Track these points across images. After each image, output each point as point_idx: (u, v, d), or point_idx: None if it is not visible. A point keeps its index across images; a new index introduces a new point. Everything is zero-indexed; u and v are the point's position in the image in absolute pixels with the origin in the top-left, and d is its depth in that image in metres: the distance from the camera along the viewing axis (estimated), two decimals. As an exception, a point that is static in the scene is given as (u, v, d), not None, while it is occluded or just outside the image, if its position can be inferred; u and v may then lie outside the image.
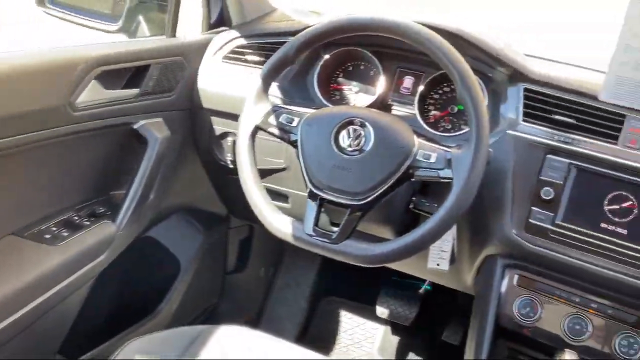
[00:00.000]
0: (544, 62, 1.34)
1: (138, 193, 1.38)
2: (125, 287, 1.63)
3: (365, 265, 1.11)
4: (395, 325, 2.06)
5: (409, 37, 1.08)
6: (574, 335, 1.17)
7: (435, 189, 1.25)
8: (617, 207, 1.12)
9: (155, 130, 1.40)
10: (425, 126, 1.33)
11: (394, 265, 1.62)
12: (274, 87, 1.40)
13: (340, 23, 1.13)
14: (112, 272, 1.44)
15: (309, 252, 1.19)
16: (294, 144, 1.16)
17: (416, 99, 1.35)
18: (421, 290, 2.03)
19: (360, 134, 1.11)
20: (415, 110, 1.35)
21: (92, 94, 1.25)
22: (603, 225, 1.13)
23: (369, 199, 1.08)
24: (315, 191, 1.12)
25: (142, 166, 1.38)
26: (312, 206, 1.12)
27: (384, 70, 1.40)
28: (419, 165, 1.07)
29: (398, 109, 1.41)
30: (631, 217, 1.11)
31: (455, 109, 1.35)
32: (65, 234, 1.30)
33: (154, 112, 1.42)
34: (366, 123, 1.10)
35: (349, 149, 1.11)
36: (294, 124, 1.16)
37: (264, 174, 1.45)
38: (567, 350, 1.13)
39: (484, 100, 1.05)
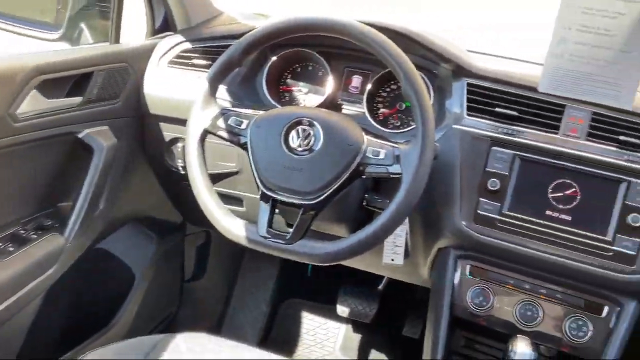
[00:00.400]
0: (486, 57, 1.37)
1: (86, 203, 1.35)
2: (79, 301, 1.59)
3: (321, 264, 1.12)
4: (356, 323, 2.08)
5: (353, 36, 1.10)
6: (526, 321, 1.20)
7: (387, 185, 1.26)
8: (561, 194, 1.16)
9: (101, 139, 1.37)
10: (374, 124, 1.35)
11: (350, 263, 1.63)
12: (222, 91, 1.39)
13: (284, 24, 1.13)
14: (64, 286, 1.40)
15: (268, 256, 1.19)
16: (243, 146, 1.16)
17: (365, 97, 1.36)
18: (380, 287, 2.05)
19: (309, 134, 1.11)
20: (364, 108, 1.36)
21: (33, 103, 1.21)
22: (548, 212, 1.16)
23: (321, 198, 1.09)
24: (267, 192, 1.12)
25: (88, 176, 1.35)
26: (264, 208, 1.12)
27: (332, 71, 1.41)
28: (369, 162, 1.09)
29: (348, 108, 1.42)
30: (574, 203, 1.15)
31: (403, 106, 1.37)
32: (12, 248, 1.25)
33: (99, 120, 1.39)
34: (315, 122, 1.11)
35: (299, 149, 1.11)
36: (243, 126, 1.16)
37: (216, 178, 1.44)
38: (520, 336, 1.16)
39: (428, 95, 1.07)
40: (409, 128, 1.32)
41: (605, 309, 1.17)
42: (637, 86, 1.05)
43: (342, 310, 2.01)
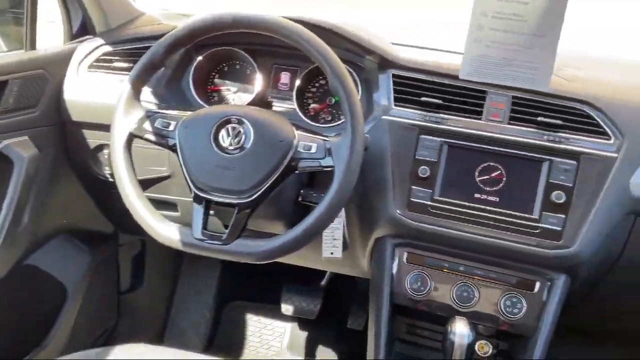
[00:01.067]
0: (411, 49, 1.40)
1: (9, 218, 1.28)
2: (8, 320, 1.51)
3: (260, 262, 1.11)
4: (301, 321, 2.08)
5: (277, 33, 1.09)
6: (463, 303, 1.23)
7: (321, 180, 1.27)
8: (487, 177, 1.20)
9: (21, 150, 1.31)
10: (306, 119, 1.35)
11: (291, 260, 1.63)
12: (148, 94, 1.35)
13: (206, 22, 1.11)
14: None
15: (207, 260, 1.17)
16: (172, 148, 1.13)
17: (294, 93, 1.36)
18: (323, 283, 2.06)
19: (239, 132, 1.10)
20: (294, 105, 1.36)
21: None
22: (476, 195, 1.20)
23: (255, 196, 1.08)
24: (200, 194, 1.10)
25: (10, 189, 1.28)
26: (198, 209, 1.10)
27: (260, 68, 1.40)
28: (301, 156, 1.09)
29: (278, 105, 1.42)
30: (500, 185, 1.19)
31: (333, 101, 1.38)
32: None
33: (17, 130, 1.32)
34: (244, 120, 1.10)
35: (230, 147, 1.10)
36: (171, 127, 1.14)
37: (147, 184, 1.40)
38: (458, 317, 1.18)
39: (355, 88, 1.08)
40: (340, 122, 1.33)
41: (537, 285, 1.22)
42: (552, 68, 1.10)
43: (287, 308, 2.01)
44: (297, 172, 1.11)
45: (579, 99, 1.19)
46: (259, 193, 1.07)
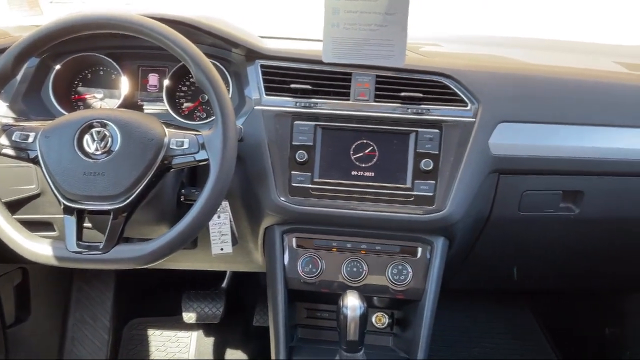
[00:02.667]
0: (278, 40, 1.42)
1: None
2: None
3: (144, 266, 1.08)
4: (206, 327, 2.04)
5: (135, 31, 1.07)
6: (353, 278, 1.27)
7: (203, 177, 1.25)
8: (362, 154, 1.25)
9: None
10: (180, 119, 1.33)
11: (182, 265, 1.60)
12: (5, 110, 1.27)
13: (54, 27, 1.06)
14: None
15: (99, 282, 1.12)
16: (34, 161, 1.07)
17: (164, 94, 1.34)
18: (224, 285, 2.04)
19: (105, 135, 1.06)
20: (166, 105, 1.34)
21: None
22: (353, 172, 1.24)
23: (130, 199, 1.05)
24: (69, 204, 1.05)
25: None
26: (70, 221, 1.05)
27: (126, 72, 1.36)
28: (174, 153, 1.07)
29: (149, 108, 1.38)
30: (374, 160, 1.24)
31: (206, 98, 1.37)
32: None
33: None
34: (108, 122, 1.07)
35: (97, 152, 1.06)
36: (30, 139, 1.08)
37: (16, 205, 1.32)
38: (349, 291, 1.22)
39: (221, 79, 1.08)
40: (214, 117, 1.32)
41: (419, 250, 1.29)
42: (405, 44, 1.16)
43: (189, 316, 1.97)
44: (172, 169, 1.09)
45: (436, 71, 1.27)
46: (133, 195, 1.05)
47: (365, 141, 1.25)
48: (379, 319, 1.43)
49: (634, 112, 1.30)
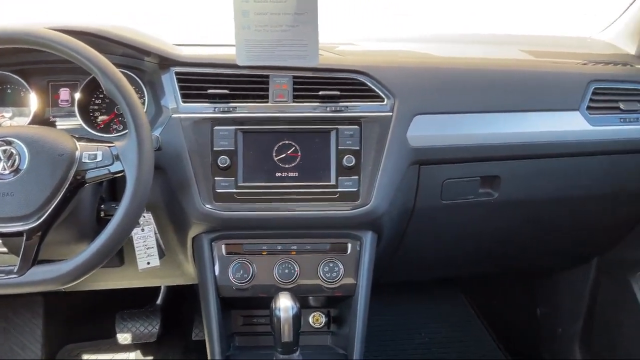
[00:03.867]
0: (194, 47, 1.40)
1: None
2: None
3: (63, 287, 1.04)
4: (143, 346, 1.98)
5: (35, 44, 1.03)
6: (286, 279, 1.27)
7: (123, 189, 1.22)
8: (285, 155, 1.25)
9: None
10: (95, 133, 1.29)
11: (112, 284, 1.56)
12: None
13: None
14: None
15: (25, 310, 1.06)
16: None
17: (76, 109, 1.29)
18: (159, 301, 1.99)
19: (12, 154, 1.02)
20: (79, 120, 1.29)
21: None
22: (278, 174, 1.24)
23: (43, 218, 1.00)
24: None
25: None
26: None
27: (34, 88, 1.31)
28: (87, 167, 1.04)
29: (62, 124, 1.33)
30: (298, 160, 1.25)
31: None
32: None
33: None
34: (14, 140, 1.02)
35: (4, 172, 1.01)
36: None
37: None
38: (282, 293, 1.21)
39: (130, 87, 1.06)
40: None
41: (349, 246, 1.30)
42: (318, 43, 1.18)
43: (124, 337, 1.90)
44: (87, 184, 1.06)
45: (351, 69, 1.29)
46: (46, 214, 1.00)
47: (287, 142, 1.25)
48: (317, 319, 1.43)
49: (539, 97, 1.36)
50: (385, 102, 1.27)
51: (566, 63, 1.51)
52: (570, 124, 1.36)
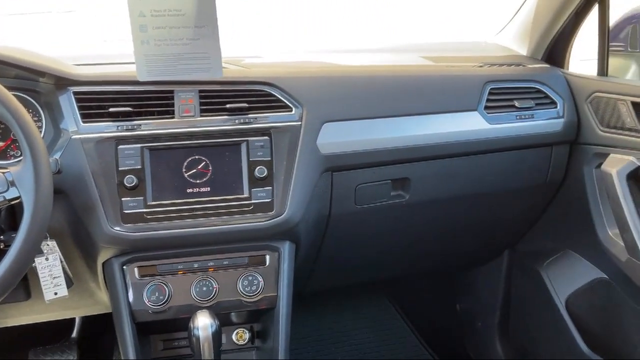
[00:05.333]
0: (95, 66, 1.36)
1: None
2: None
3: None
4: (61, 383, 1.87)
5: None
6: (204, 297, 1.24)
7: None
8: (195, 170, 1.22)
9: None
10: None
11: (20, 319, 1.47)
12: None
13: None
14: None
15: None
16: None
17: None
18: (74, 334, 1.89)
19: None
20: None
21: None
22: (189, 190, 1.21)
23: None
24: None
25: None
26: None
27: None
28: None
29: None
30: (209, 175, 1.23)
31: None
32: None
33: None
34: None
35: None
36: None
37: None
38: (200, 312, 1.18)
39: (22, 109, 1.00)
40: None
41: (268, 258, 1.29)
42: (221, 55, 1.17)
43: (38, 376, 1.79)
44: None
45: (258, 81, 1.29)
46: None
47: (197, 157, 1.23)
48: (240, 336, 1.40)
49: (440, 99, 1.42)
50: (293, 112, 1.28)
51: (463, 66, 1.58)
52: (470, 124, 1.42)
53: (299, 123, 1.27)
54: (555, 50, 1.61)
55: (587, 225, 1.51)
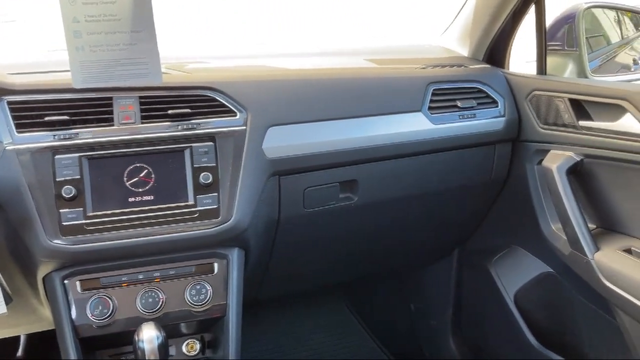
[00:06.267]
0: (30, 75, 1.31)
1: None
2: None
3: None
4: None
5: None
6: (150, 309, 1.21)
7: None
8: (137, 179, 1.19)
9: None
10: None
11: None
12: None
13: None
14: None
15: None
16: None
17: None
18: (20, 353, 1.81)
19: None
20: None
21: None
22: (131, 199, 1.18)
23: None
24: None
25: None
26: None
27: None
28: None
29: None
30: (152, 183, 1.20)
31: None
32: None
33: None
34: None
35: None
36: None
37: None
38: (145, 324, 1.15)
39: None
40: None
41: (216, 266, 1.26)
42: (159, 60, 1.14)
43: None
44: None
45: (201, 86, 1.27)
46: None
47: (138, 165, 1.20)
48: (191, 347, 1.37)
49: (385, 101, 1.43)
50: (238, 116, 1.27)
51: (407, 68, 1.60)
52: (415, 125, 1.44)
53: (244, 127, 1.26)
54: (495, 51, 1.65)
55: (531, 220, 1.55)
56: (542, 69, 1.56)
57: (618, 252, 1.29)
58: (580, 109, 1.39)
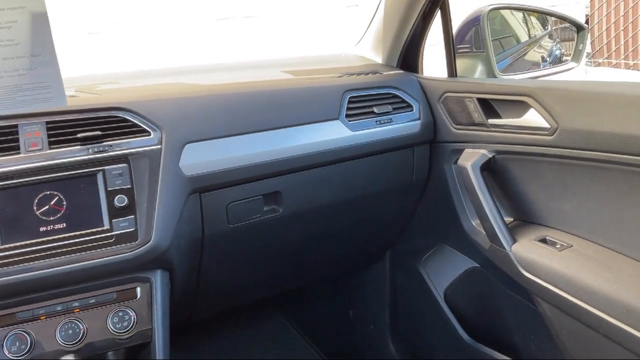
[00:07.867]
0: None
1: None
2: None
3: None
4: None
5: None
6: (71, 341, 1.16)
7: None
8: (47, 207, 1.15)
9: None
10: None
11: None
12: None
13: None
14: None
15: None
16: None
17: None
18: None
19: None
20: None
21: None
22: (42, 229, 1.14)
23: None
24: None
25: None
26: None
27: None
28: None
29: None
30: (64, 210, 1.16)
31: None
32: None
33: None
34: None
35: None
36: None
37: None
38: (67, 357, 1.11)
39: None
40: None
41: (139, 290, 1.23)
42: (62, 83, 1.11)
43: None
44: None
45: (110, 107, 1.24)
46: None
47: (48, 192, 1.15)
48: (120, 376, 1.33)
49: (302, 111, 1.44)
50: (152, 136, 1.24)
51: (323, 78, 1.62)
52: (333, 133, 1.45)
53: (159, 146, 1.24)
54: (408, 56, 1.70)
55: (454, 218, 1.59)
56: (452, 71, 1.62)
57: (534, 242, 1.35)
58: (489, 107, 1.44)
